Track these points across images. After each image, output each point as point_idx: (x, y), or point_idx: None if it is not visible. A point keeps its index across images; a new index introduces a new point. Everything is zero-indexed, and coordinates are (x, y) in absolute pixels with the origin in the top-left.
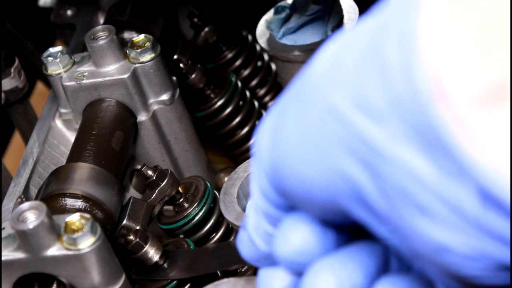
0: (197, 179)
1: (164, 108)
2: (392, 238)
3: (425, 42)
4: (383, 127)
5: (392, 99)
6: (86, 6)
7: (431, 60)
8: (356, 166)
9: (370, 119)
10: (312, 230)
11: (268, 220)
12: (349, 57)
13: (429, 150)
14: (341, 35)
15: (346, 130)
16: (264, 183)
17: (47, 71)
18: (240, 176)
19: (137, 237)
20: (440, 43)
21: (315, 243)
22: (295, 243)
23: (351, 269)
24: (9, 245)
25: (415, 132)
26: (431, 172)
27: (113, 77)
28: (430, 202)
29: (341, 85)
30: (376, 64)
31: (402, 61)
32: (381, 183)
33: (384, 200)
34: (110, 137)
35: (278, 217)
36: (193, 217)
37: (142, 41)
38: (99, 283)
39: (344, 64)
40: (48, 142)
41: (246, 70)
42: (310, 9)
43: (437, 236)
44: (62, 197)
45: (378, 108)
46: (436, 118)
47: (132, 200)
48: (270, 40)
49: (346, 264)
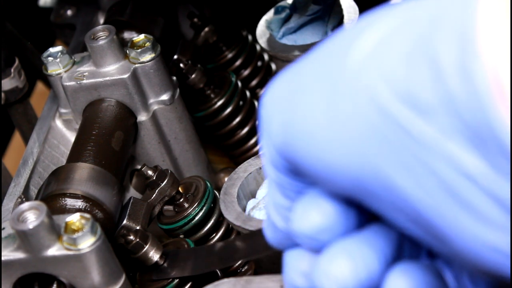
0: (197, 179)
1: (164, 108)
2: (416, 230)
3: (483, 40)
4: (432, 122)
5: (445, 95)
6: (86, 6)
7: (490, 59)
8: (391, 159)
9: (418, 113)
10: (333, 207)
11: (282, 193)
12: (397, 48)
13: (483, 148)
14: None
15: (388, 122)
16: (275, 156)
17: (47, 71)
18: (240, 176)
19: (137, 237)
20: (499, 41)
21: (336, 221)
22: (315, 220)
23: (367, 254)
24: (9, 245)
25: (469, 129)
26: (484, 171)
27: (113, 77)
28: (480, 201)
29: (386, 76)
30: (428, 58)
31: (458, 58)
32: (420, 179)
33: (422, 197)
34: (110, 137)
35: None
36: (193, 217)
37: (142, 41)
38: (99, 283)
39: (390, 54)
40: (48, 142)
41: (246, 70)
42: (310, 9)
43: (484, 236)
44: (62, 197)
45: (428, 103)
46: (495, 118)
47: (132, 200)
48: (270, 40)
49: (363, 248)
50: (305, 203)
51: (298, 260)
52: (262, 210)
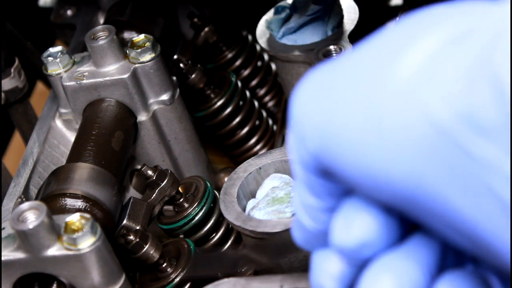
0: (197, 179)
1: (164, 108)
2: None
3: None
4: (495, 142)
5: (508, 116)
6: (86, 6)
7: None
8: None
9: (478, 133)
10: (376, 219)
11: (312, 193)
12: (453, 63)
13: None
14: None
15: (445, 140)
16: (307, 158)
17: (47, 71)
18: (240, 176)
19: (137, 237)
20: None
21: (379, 234)
22: (358, 233)
23: (412, 269)
24: (9, 245)
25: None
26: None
27: (113, 77)
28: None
29: (443, 93)
30: (489, 76)
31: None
32: (479, 199)
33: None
34: (110, 137)
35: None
36: (193, 217)
37: (142, 41)
38: (99, 283)
39: (446, 71)
40: (48, 142)
41: (246, 70)
42: (310, 9)
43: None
44: (62, 197)
45: (490, 123)
46: None
47: (132, 200)
48: (270, 40)
49: (407, 263)
50: (346, 214)
51: (326, 261)
52: (262, 210)
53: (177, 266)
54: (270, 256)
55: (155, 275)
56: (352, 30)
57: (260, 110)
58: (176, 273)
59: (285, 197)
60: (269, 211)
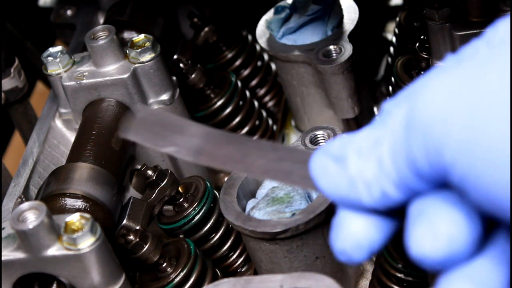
0: (197, 179)
1: (164, 108)
2: None
3: None
4: None
5: None
6: (86, 6)
7: None
8: None
9: None
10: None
11: (396, 186)
12: None
13: None
14: None
15: None
16: (418, 159)
17: (47, 71)
18: (240, 176)
19: (137, 237)
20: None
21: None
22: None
23: (489, 281)
24: (9, 245)
25: None
26: None
27: (113, 77)
28: None
29: None
30: None
31: None
32: None
33: None
34: (110, 137)
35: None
36: (193, 217)
37: (142, 41)
38: (99, 283)
39: None
40: (48, 142)
41: (246, 70)
42: (310, 9)
43: None
44: (62, 197)
45: None
46: None
47: (132, 200)
48: (270, 40)
49: (489, 273)
50: (431, 219)
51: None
52: (262, 210)
53: (177, 266)
54: None
55: (155, 275)
56: (352, 30)
57: (260, 110)
58: (176, 273)
59: (284, 197)
60: (269, 211)
